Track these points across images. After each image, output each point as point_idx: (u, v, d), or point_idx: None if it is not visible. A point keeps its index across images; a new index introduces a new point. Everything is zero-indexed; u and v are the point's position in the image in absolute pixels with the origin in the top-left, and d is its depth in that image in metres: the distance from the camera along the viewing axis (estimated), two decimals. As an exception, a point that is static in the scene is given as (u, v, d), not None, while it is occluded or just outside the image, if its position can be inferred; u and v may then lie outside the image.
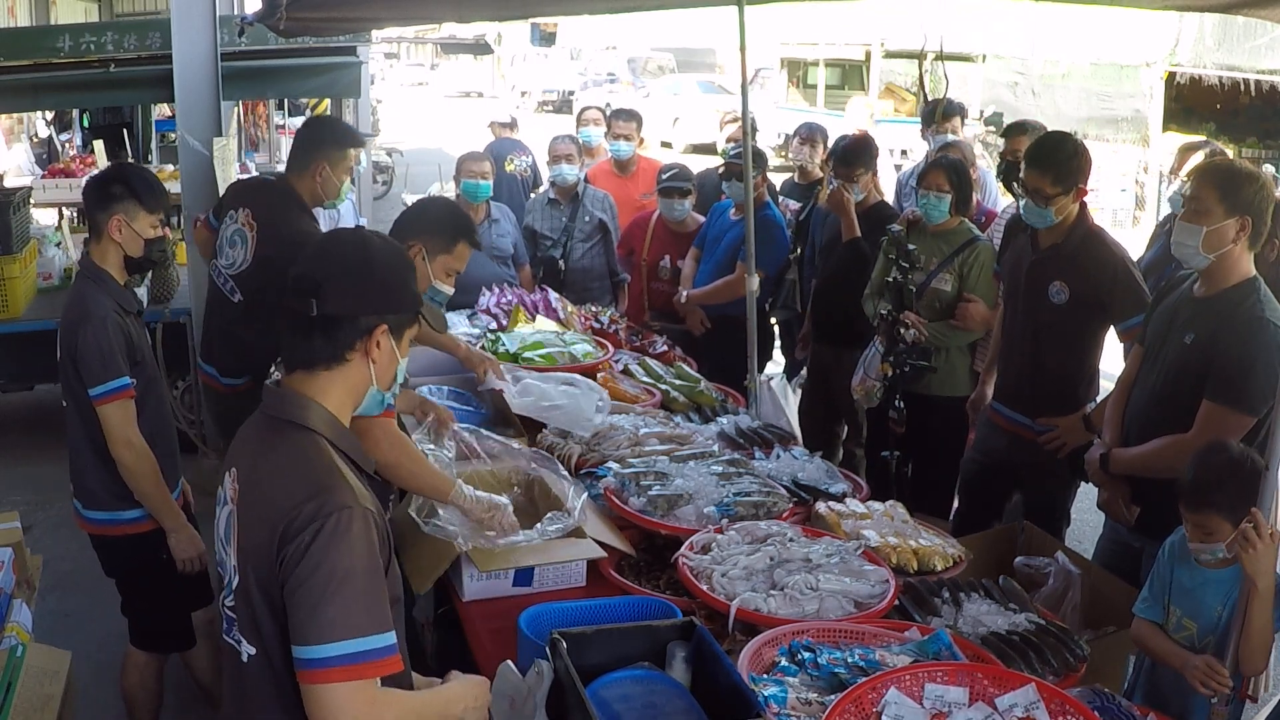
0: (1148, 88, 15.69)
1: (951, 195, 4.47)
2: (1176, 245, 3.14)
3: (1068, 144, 3.84)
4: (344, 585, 1.75)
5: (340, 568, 1.75)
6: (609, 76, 31.52)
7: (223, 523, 1.94)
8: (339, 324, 1.90)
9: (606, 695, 2.13)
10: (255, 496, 1.87)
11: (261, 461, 1.90)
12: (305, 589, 1.75)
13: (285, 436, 1.90)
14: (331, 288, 1.88)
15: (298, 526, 1.77)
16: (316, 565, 1.75)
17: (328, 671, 1.73)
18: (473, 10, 5.55)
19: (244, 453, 1.95)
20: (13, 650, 3.13)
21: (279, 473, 1.85)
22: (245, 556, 1.84)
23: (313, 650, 1.74)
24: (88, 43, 6.47)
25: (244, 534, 1.86)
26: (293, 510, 1.78)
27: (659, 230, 5.77)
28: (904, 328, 4.31)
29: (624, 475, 3.21)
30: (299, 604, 1.75)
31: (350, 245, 1.97)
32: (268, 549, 1.79)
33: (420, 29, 20.01)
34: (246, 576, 1.84)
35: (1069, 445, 3.78)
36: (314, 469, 1.85)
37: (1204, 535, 2.71)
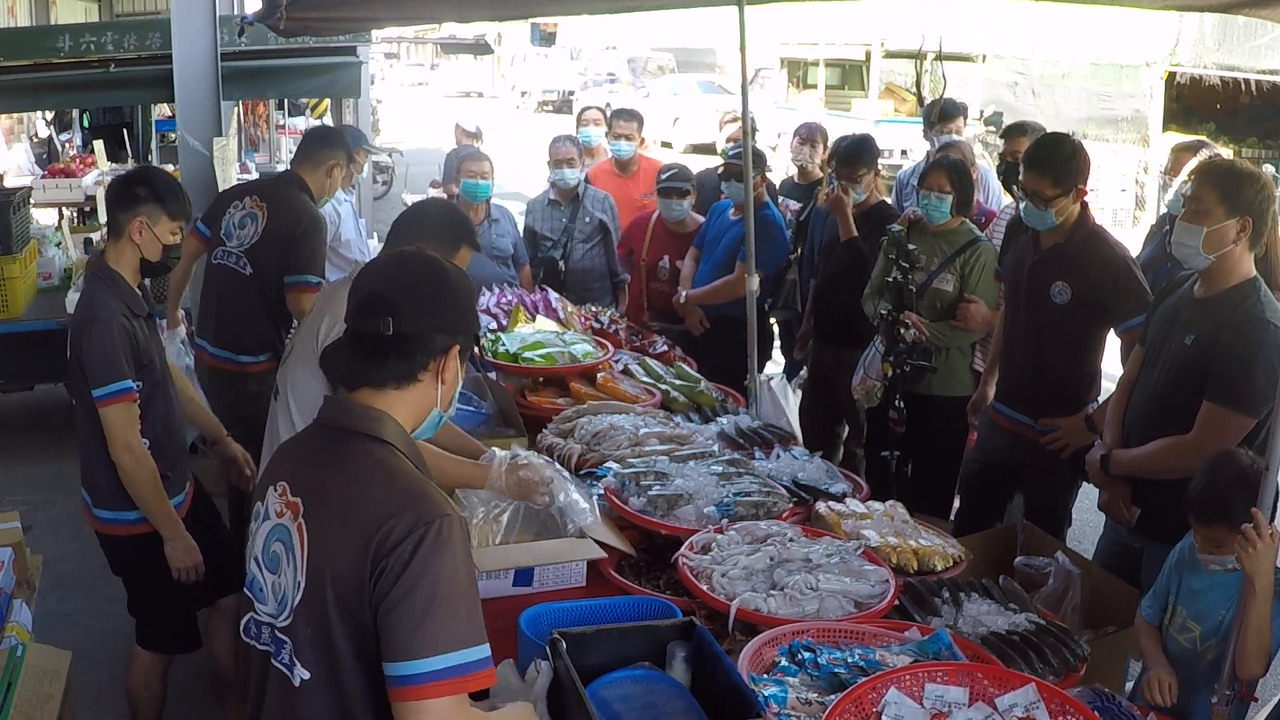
0: (1148, 88, 15.71)
1: (953, 196, 4.47)
2: (1177, 245, 3.14)
3: (1065, 145, 3.84)
4: (449, 595, 1.70)
5: (445, 577, 1.70)
6: (609, 76, 31.53)
7: (261, 540, 1.86)
8: (415, 343, 1.88)
9: (606, 695, 2.13)
10: (329, 510, 1.78)
11: (330, 474, 1.82)
12: (409, 601, 1.68)
13: (357, 447, 1.84)
14: (409, 306, 1.87)
15: (396, 537, 1.70)
16: (420, 576, 1.69)
17: (432, 686, 1.68)
18: (473, 10, 5.56)
19: (299, 466, 1.88)
20: (13, 650, 3.13)
21: (361, 485, 1.79)
22: (320, 575, 1.75)
23: (415, 665, 1.67)
24: (88, 43, 6.48)
25: (317, 551, 1.76)
26: (389, 521, 1.71)
27: (658, 230, 5.77)
28: (904, 328, 4.31)
29: (624, 475, 3.21)
30: (401, 618, 1.68)
31: (423, 265, 1.96)
32: (357, 564, 1.71)
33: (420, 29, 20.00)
34: (321, 596, 1.74)
35: (1071, 446, 3.78)
36: (402, 479, 1.80)
37: (1214, 547, 2.72)
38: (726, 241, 5.36)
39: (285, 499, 1.83)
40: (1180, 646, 2.82)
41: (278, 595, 1.82)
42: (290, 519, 1.80)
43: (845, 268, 4.96)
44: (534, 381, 4.21)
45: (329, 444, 1.87)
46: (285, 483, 1.85)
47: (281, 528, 1.82)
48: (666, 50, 31.68)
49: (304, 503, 1.80)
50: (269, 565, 1.84)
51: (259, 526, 1.88)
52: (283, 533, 1.81)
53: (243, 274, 4.41)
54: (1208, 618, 2.77)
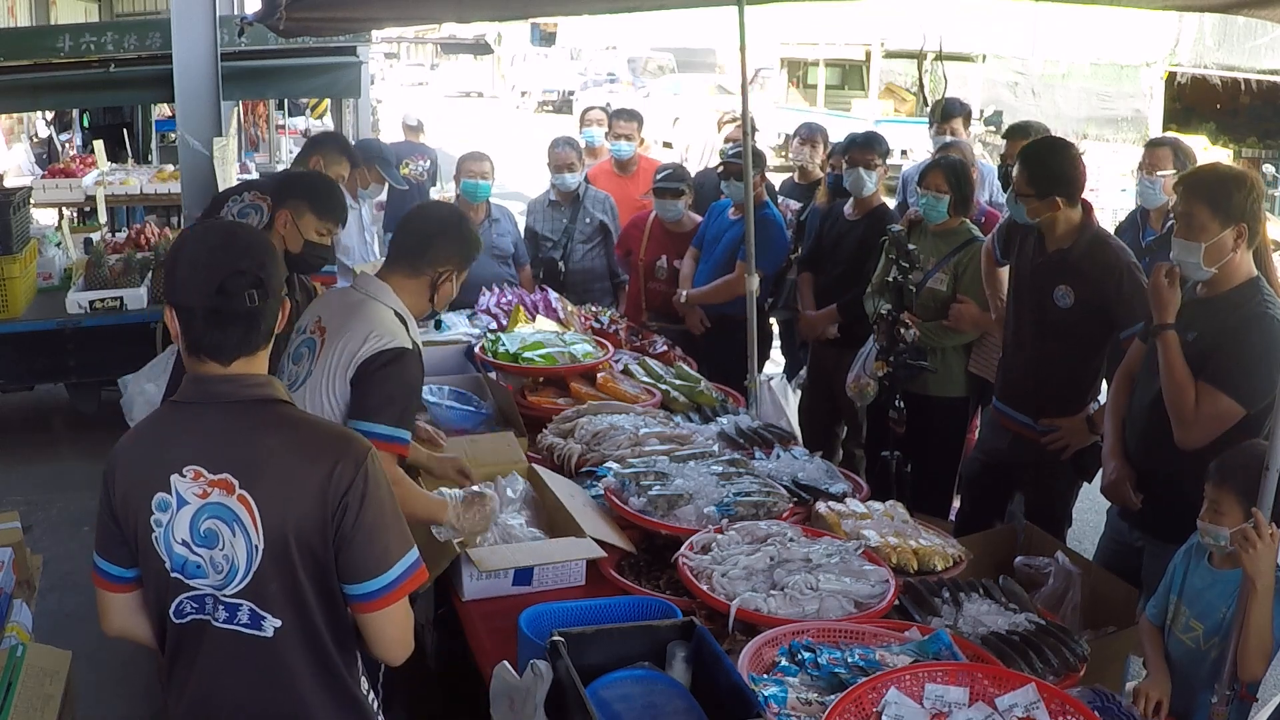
0: (1148, 88, 15.72)
1: (950, 196, 4.48)
2: (1177, 263, 3.13)
3: (1057, 155, 3.85)
4: (391, 512, 1.98)
5: (385, 498, 1.97)
6: (609, 76, 31.51)
7: (185, 524, 1.94)
8: (270, 306, 1.99)
9: (606, 695, 2.13)
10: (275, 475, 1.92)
11: (256, 444, 1.94)
12: (367, 528, 1.93)
13: (268, 414, 1.98)
14: (267, 277, 1.98)
15: (347, 477, 1.92)
16: (371, 504, 1.94)
17: (394, 593, 1.96)
18: (473, 10, 5.56)
19: (207, 447, 1.95)
20: (13, 650, 3.13)
21: (293, 444, 1.95)
22: (279, 532, 1.91)
23: (379, 580, 1.94)
24: (88, 43, 6.48)
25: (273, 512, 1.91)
26: (335, 467, 1.92)
27: (656, 230, 5.76)
28: (904, 327, 4.31)
29: (624, 475, 3.21)
30: (363, 543, 1.93)
31: (245, 235, 2.07)
32: (317, 511, 1.91)
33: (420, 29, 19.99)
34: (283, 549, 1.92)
35: (1072, 447, 3.78)
36: (323, 428, 2.05)
37: (1215, 514, 2.73)
38: (726, 241, 5.35)
39: (206, 480, 1.93)
40: (1184, 647, 2.82)
41: (224, 566, 1.94)
42: (223, 494, 1.92)
43: (847, 268, 4.97)
44: (534, 381, 4.21)
45: (236, 418, 1.96)
46: (196, 466, 1.93)
47: (214, 505, 1.93)
48: (666, 50, 31.67)
49: (236, 476, 1.92)
50: (203, 543, 1.94)
51: (174, 515, 1.94)
52: (215, 509, 1.93)
53: None
54: (1210, 616, 2.77)
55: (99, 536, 2.10)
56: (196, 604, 1.99)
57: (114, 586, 2.10)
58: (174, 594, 1.99)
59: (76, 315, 5.92)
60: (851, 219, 5.09)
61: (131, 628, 2.14)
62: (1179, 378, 3.12)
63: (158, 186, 8.99)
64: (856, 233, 5.02)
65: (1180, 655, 2.83)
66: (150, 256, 6.31)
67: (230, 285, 1.93)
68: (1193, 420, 3.07)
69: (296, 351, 2.92)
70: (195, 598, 1.98)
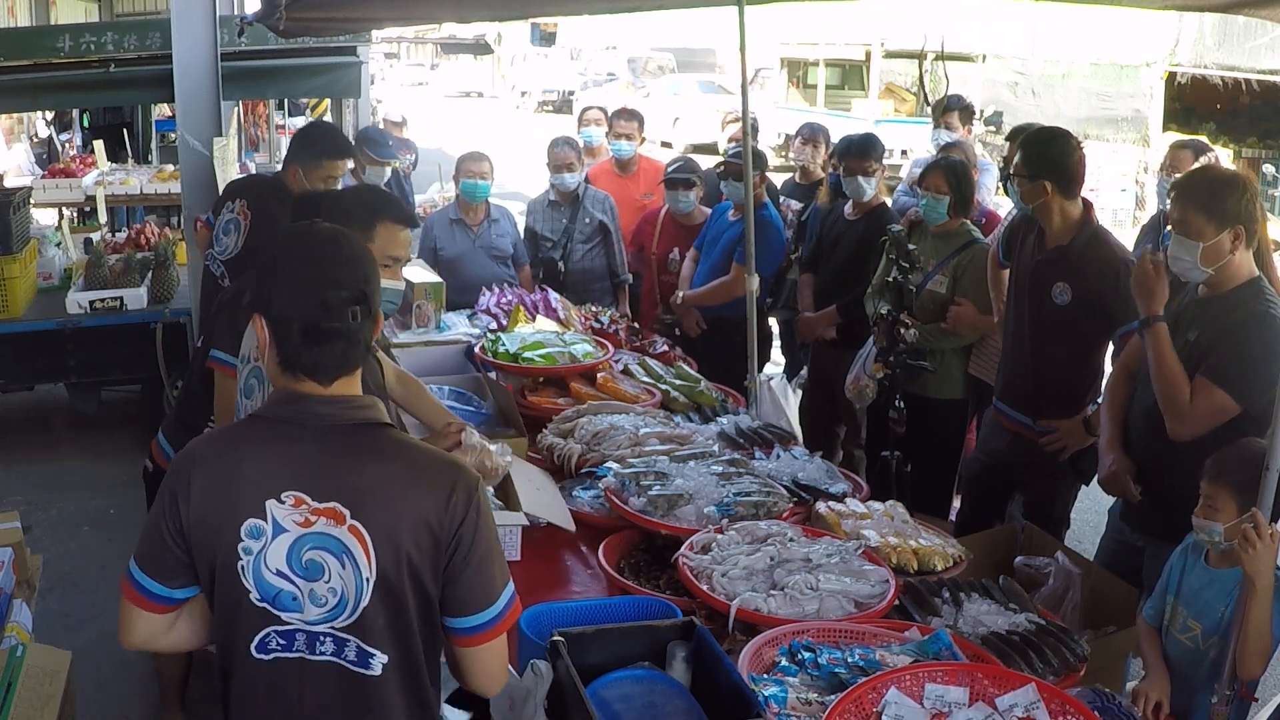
0: (1148, 88, 15.72)
1: (950, 197, 4.48)
2: (1174, 260, 3.14)
3: (1057, 143, 3.87)
4: (496, 542, 1.94)
5: (491, 529, 1.92)
6: (609, 76, 31.53)
7: (282, 553, 1.82)
8: (368, 324, 1.91)
9: (606, 695, 2.13)
10: (385, 504, 1.83)
11: (363, 471, 1.84)
12: (478, 559, 1.88)
13: (373, 439, 1.89)
14: (371, 293, 1.91)
15: (461, 509, 1.86)
16: (482, 535, 1.88)
17: (498, 626, 1.92)
18: (473, 10, 5.56)
19: (310, 474, 1.84)
20: (13, 650, 3.13)
21: (401, 472, 1.87)
22: (392, 564, 1.83)
23: (486, 612, 1.89)
24: (88, 43, 6.48)
25: (385, 544, 1.82)
26: (449, 497, 1.86)
27: (667, 224, 5.78)
28: (904, 328, 4.31)
29: (624, 475, 3.21)
30: (474, 575, 1.88)
31: (348, 246, 1.95)
32: (430, 543, 1.84)
33: (420, 29, 20.00)
34: (395, 582, 1.84)
35: (1070, 448, 3.78)
36: (430, 455, 1.95)
37: (1209, 510, 2.74)
38: (724, 242, 5.36)
39: (309, 508, 1.83)
40: (1183, 648, 2.82)
41: (329, 600, 1.84)
42: (332, 525, 1.82)
43: (847, 268, 4.97)
44: (534, 381, 4.21)
45: (340, 443, 1.86)
46: (296, 492, 1.83)
47: (318, 535, 1.82)
48: (666, 50, 31.67)
49: (346, 506, 1.83)
50: (304, 574, 1.83)
51: (268, 543, 1.82)
52: (321, 540, 1.83)
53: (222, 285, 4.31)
54: (1208, 616, 2.77)
55: (147, 550, 1.91)
56: (286, 640, 1.86)
57: (154, 607, 1.91)
58: (259, 626, 1.86)
59: (76, 315, 5.92)
60: (851, 219, 5.09)
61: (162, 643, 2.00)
62: (1169, 369, 3.13)
63: (158, 186, 8.99)
64: (856, 233, 5.02)
65: (1179, 655, 2.83)
66: (150, 256, 6.30)
67: (333, 301, 1.84)
68: (1187, 413, 3.08)
69: (247, 385, 2.66)
70: (286, 634, 1.86)
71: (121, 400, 6.81)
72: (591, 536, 3.13)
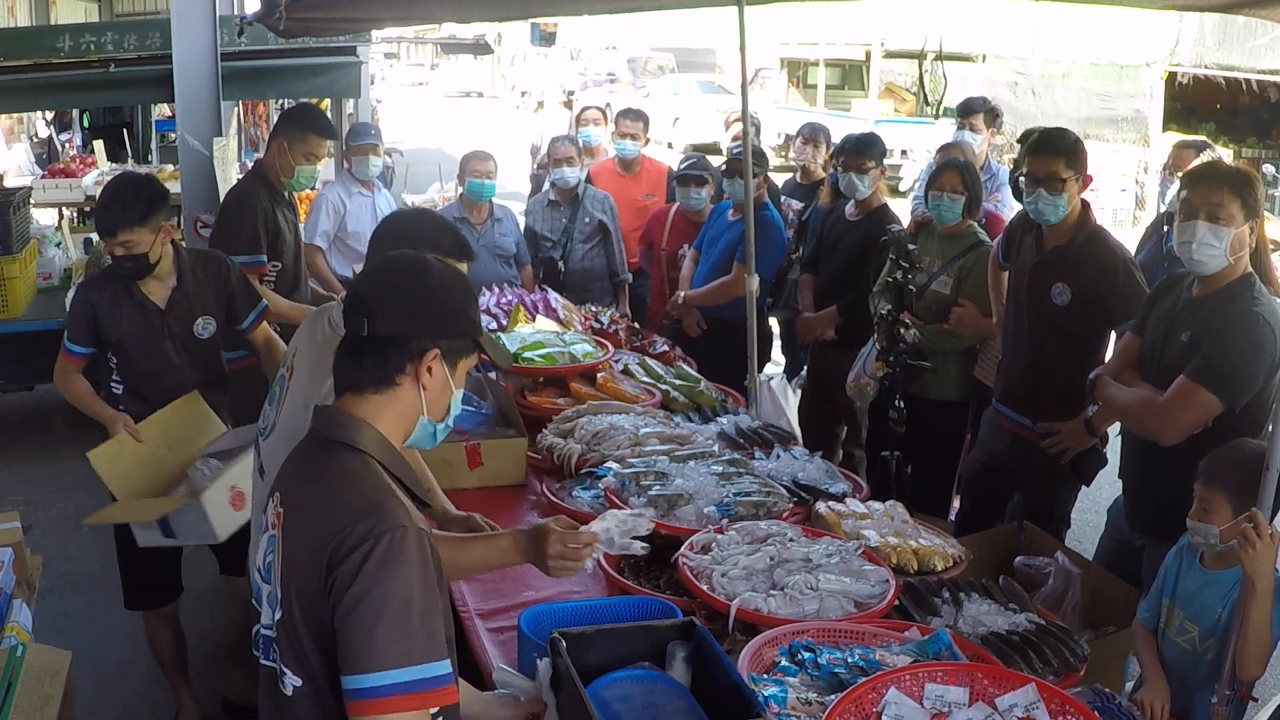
0: (1148, 88, 15.73)
1: (965, 196, 4.48)
2: (1200, 245, 3.07)
3: (1067, 134, 3.89)
4: (400, 610, 1.66)
5: (395, 591, 1.67)
6: (609, 76, 31.52)
7: (261, 550, 1.86)
8: (389, 345, 1.83)
9: (606, 695, 2.13)
10: (301, 519, 1.78)
11: (307, 484, 1.82)
12: (357, 614, 1.66)
13: (334, 457, 1.82)
14: (382, 307, 1.82)
15: (348, 547, 1.68)
16: (369, 588, 1.66)
17: (382, 701, 1.65)
18: (473, 10, 5.56)
19: (289, 476, 1.88)
20: (13, 650, 3.13)
21: (327, 493, 1.78)
22: (289, 584, 1.75)
23: (364, 679, 1.65)
24: (88, 43, 6.47)
25: (288, 560, 1.76)
26: (342, 531, 1.69)
27: (678, 221, 5.79)
28: (904, 328, 4.31)
29: (624, 475, 3.21)
30: (351, 630, 1.66)
31: (402, 264, 1.92)
32: (315, 573, 1.70)
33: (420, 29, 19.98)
34: (290, 605, 1.74)
35: (1072, 450, 3.78)
36: (364, 488, 1.77)
37: (1204, 513, 2.75)
38: (724, 242, 5.36)
39: (278, 509, 1.83)
40: (1180, 649, 2.82)
41: (272, 604, 1.81)
42: (278, 529, 1.81)
43: (847, 269, 4.96)
44: (534, 381, 4.21)
45: (315, 453, 1.86)
46: (279, 493, 1.84)
47: (272, 538, 1.82)
48: (666, 50, 31.67)
49: (285, 513, 1.80)
50: (265, 575, 1.84)
51: (259, 537, 1.88)
52: (272, 543, 1.82)
53: None
54: (1205, 618, 2.77)
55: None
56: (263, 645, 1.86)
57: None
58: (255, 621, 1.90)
59: (76, 315, 5.92)
60: (853, 219, 5.09)
61: None
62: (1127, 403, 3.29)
63: (157, 187, 8.98)
64: (856, 233, 5.02)
65: (1176, 657, 2.83)
66: (150, 256, 6.30)
67: (350, 304, 1.84)
68: (1167, 415, 3.11)
69: (272, 392, 2.65)
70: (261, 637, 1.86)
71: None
72: (591, 536, 3.12)
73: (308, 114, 4.77)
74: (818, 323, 5.16)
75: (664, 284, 5.79)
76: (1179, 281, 3.33)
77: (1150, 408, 3.19)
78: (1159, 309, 3.34)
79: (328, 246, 5.66)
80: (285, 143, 4.53)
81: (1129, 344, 3.44)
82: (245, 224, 4.45)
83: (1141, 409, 3.25)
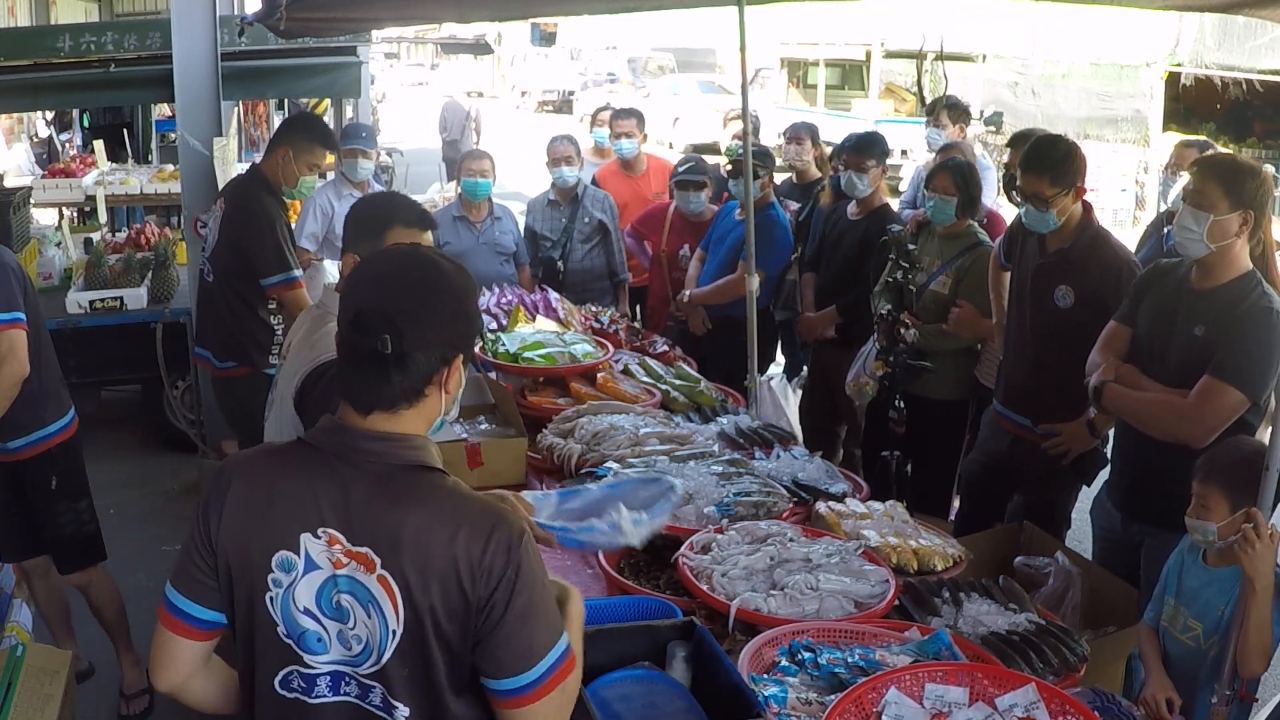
0: (1148, 88, 15.72)
1: (958, 198, 4.48)
2: (1180, 229, 3.14)
3: (1060, 145, 3.86)
4: (543, 598, 1.74)
5: (538, 583, 1.74)
6: (609, 76, 31.54)
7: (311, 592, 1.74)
8: (417, 359, 1.75)
9: (606, 695, 2.13)
10: (418, 554, 1.70)
11: (400, 517, 1.71)
12: (520, 617, 1.71)
13: (415, 482, 1.75)
14: (409, 324, 1.73)
15: (499, 565, 1.70)
16: (525, 591, 1.71)
17: (542, 688, 1.73)
18: (473, 10, 5.56)
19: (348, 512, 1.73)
20: (13, 650, 3.13)
21: (439, 521, 1.71)
22: (419, 617, 1.70)
23: (529, 674, 1.71)
24: (88, 43, 6.48)
25: (415, 595, 1.70)
26: (485, 551, 1.69)
27: (676, 221, 5.79)
28: (904, 328, 4.31)
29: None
30: (512, 634, 1.70)
31: (420, 270, 1.81)
32: (459, 599, 1.69)
33: (420, 29, 19.98)
34: (420, 635, 1.71)
35: (1073, 451, 3.78)
36: (471, 500, 1.76)
37: (1201, 509, 2.75)
38: (730, 241, 5.36)
39: (343, 549, 1.72)
40: (1184, 647, 2.82)
41: (354, 644, 1.74)
42: (361, 571, 1.71)
43: (847, 269, 4.97)
44: (534, 381, 4.21)
45: (382, 484, 1.74)
46: (333, 530, 1.73)
47: (347, 579, 1.72)
48: (666, 50, 31.68)
49: (377, 553, 1.71)
50: (335, 616, 1.74)
51: (298, 578, 1.74)
52: (350, 585, 1.72)
53: (208, 281, 4.57)
54: (1209, 615, 2.78)
55: (181, 567, 1.80)
56: (307, 684, 1.77)
57: (191, 631, 1.80)
58: (283, 661, 1.77)
59: (76, 315, 5.92)
60: (854, 218, 5.09)
61: (195, 687, 1.85)
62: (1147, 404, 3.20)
63: (158, 186, 9.00)
64: (857, 233, 5.02)
65: (1180, 655, 2.83)
66: (150, 256, 6.31)
67: (366, 320, 1.72)
68: (1194, 416, 3.07)
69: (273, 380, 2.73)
70: (308, 677, 1.77)
71: (121, 400, 6.81)
72: (591, 536, 3.13)
73: (315, 126, 4.69)
74: (818, 322, 5.16)
75: (665, 284, 5.79)
76: (1171, 271, 3.32)
77: (1176, 410, 3.12)
78: (1153, 298, 3.32)
79: (315, 248, 5.66)
80: (291, 152, 4.44)
81: (1117, 333, 3.41)
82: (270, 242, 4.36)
83: (1165, 412, 3.16)
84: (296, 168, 4.47)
